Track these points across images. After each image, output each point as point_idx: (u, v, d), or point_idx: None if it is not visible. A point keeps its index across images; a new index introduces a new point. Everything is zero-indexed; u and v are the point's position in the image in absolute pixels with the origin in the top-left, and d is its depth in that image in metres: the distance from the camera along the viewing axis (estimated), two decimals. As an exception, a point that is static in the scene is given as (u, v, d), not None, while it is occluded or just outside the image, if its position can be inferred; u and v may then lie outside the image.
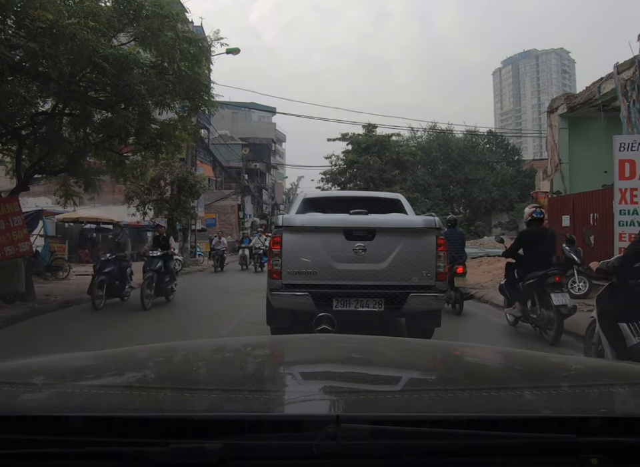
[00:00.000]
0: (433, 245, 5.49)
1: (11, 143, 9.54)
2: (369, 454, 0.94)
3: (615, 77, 10.11)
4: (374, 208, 6.25)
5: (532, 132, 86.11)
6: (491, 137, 41.16)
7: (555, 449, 0.95)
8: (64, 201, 11.37)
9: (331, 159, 33.27)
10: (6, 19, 6.70)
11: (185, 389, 1.23)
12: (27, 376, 1.40)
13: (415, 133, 39.64)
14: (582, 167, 12.90)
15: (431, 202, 32.94)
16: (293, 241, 5.47)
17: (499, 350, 2.41)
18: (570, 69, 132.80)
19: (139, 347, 2.34)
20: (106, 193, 15.98)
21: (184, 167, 18.51)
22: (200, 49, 8.97)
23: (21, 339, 6.54)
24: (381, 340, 2.15)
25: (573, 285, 9.76)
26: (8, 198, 9.27)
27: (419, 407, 1.14)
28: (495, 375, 1.58)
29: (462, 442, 0.93)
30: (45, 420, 0.97)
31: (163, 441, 0.91)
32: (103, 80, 7.58)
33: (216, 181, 38.14)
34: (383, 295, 5.43)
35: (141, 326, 7.37)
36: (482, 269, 14.39)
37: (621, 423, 0.99)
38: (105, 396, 1.19)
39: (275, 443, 0.94)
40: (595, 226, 10.66)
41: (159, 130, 9.56)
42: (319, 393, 1.26)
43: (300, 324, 5.11)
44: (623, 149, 8.44)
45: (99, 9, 7.42)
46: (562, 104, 13.53)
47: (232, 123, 50.81)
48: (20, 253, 9.00)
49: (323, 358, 1.75)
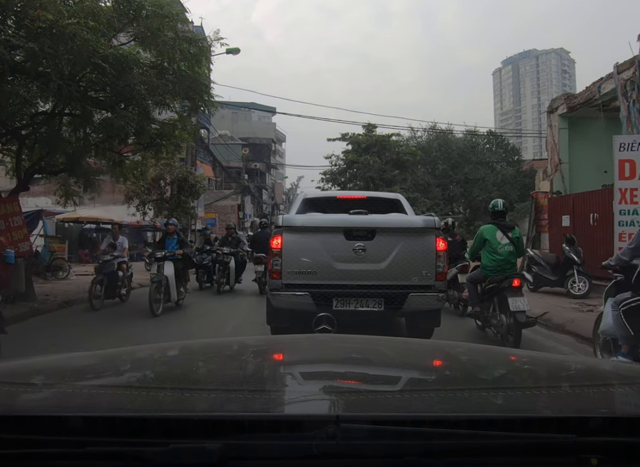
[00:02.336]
0: (432, 245, 5.49)
1: (10, 143, 9.54)
2: (369, 454, 0.94)
3: (614, 77, 10.11)
4: (374, 208, 6.25)
5: (532, 132, 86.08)
6: (491, 137, 41.14)
7: (555, 449, 0.95)
8: (64, 201, 11.38)
9: (330, 159, 33.27)
10: (6, 19, 6.69)
11: (185, 389, 1.23)
12: (26, 376, 1.40)
13: (415, 133, 39.66)
14: (582, 167, 12.90)
15: (430, 202, 32.92)
16: (293, 241, 5.48)
17: (499, 350, 2.41)
18: (570, 69, 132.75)
19: (139, 347, 2.34)
20: (106, 193, 15.99)
21: (184, 167, 18.50)
22: (200, 49, 8.97)
23: (21, 339, 6.53)
24: (381, 340, 2.15)
25: (573, 285, 9.78)
26: (8, 198, 9.27)
27: (419, 407, 1.14)
28: (495, 375, 1.58)
29: (462, 442, 0.93)
30: (45, 420, 0.97)
31: (163, 441, 0.91)
32: (102, 80, 7.57)
33: (216, 181, 38.12)
34: (382, 295, 5.43)
35: (140, 326, 7.36)
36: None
37: (621, 423, 0.99)
38: (105, 396, 1.19)
39: (274, 443, 0.94)
40: (595, 226, 10.67)
41: (158, 130, 9.56)
42: (318, 393, 1.26)
43: (300, 324, 5.11)
44: (623, 149, 8.44)
45: (99, 9, 7.41)
46: (562, 104, 13.53)
47: (232, 123, 50.78)
48: (20, 253, 9.00)
49: (323, 358, 1.75)
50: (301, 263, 5.43)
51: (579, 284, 9.72)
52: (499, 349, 2.55)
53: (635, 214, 8.28)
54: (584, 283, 9.70)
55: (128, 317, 8.28)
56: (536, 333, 6.72)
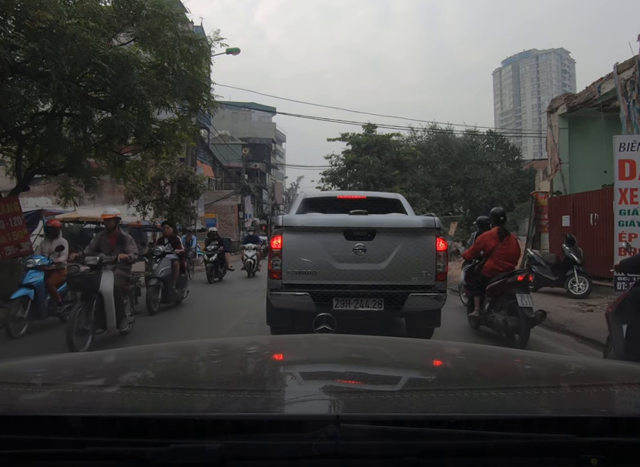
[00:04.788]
0: (432, 245, 5.49)
1: (10, 143, 9.52)
2: (369, 454, 0.94)
3: (614, 77, 10.11)
4: (374, 208, 6.25)
5: (532, 132, 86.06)
6: (491, 137, 41.11)
7: (555, 449, 0.95)
8: (64, 201, 11.37)
9: (330, 159, 33.21)
10: (6, 19, 6.69)
11: (185, 389, 1.23)
12: (26, 376, 1.40)
13: (415, 133, 39.64)
14: (582, 167, 12.90)
15: (430, 202, 32.88)
16: (293, 241, 5.48)
17: (499, 350, 2.41)
18: (570, 69, 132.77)
19: (139, 347, 2.34)
20: (106, 193, 15.97)
21: (184, 167, 18.49)
22: (200, 49, 8.96)
23: (21, 339, 6.54)
24: (381, 340, 2.15)
25: (573, 285, 9.78)
26: (8, 198, 9.26)
27: (419, 407, 1.14)
28: (495, 375, 1.58)
29: (462, 442, 0.93)
30: (45, 420, 0.96)
31: (163, 441, 0.91)
32: (103, 80, 7.56)
33: (216, 181, 38.12)
34: (382, 295, 5.44)
35: (140, 325, 7.35)
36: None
37: (621, 423, 0.99)
38: (105, 396, 1.19)
39: (275, 443, 0.94)
40: (595, 226, 10.67)
41: (158, 130, 9.55)
42: (318, 393, 1.26)
43: (300, 324, 5.12)
44: (622, 149, 8.43)
45: (99, 9, 7.40)
46: (562, 104, 13.53)
47: (232, 123, 50.79)
48: (20, 253, 8.99)
49: (323, 358, 1.75)
50: (301, 263, 5.43)
51: (579, 284, 9.72)
52: (498, 349, 2.55)
53: (635, 214, 8.27)
54: (584, 283, 9.70)
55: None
56: (536, 333, 6.72)
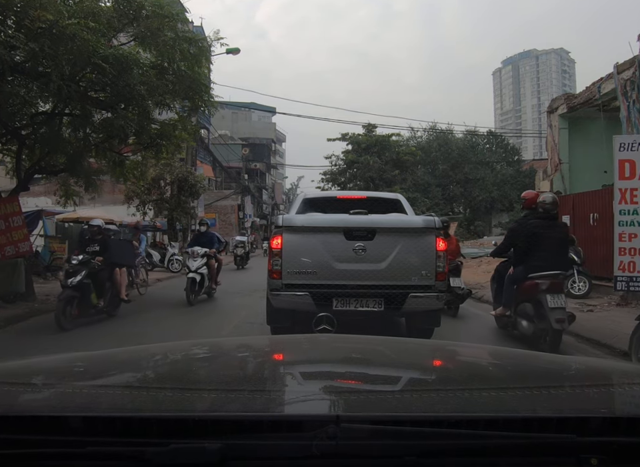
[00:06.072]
0: (432, 245, 5.49)
1: (10, 143, 9.52)
2: (369, 454, 0.94)
3: (614, 77, 10.10)
4: (374, 208, 6.25)
5: (532, 132, 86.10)
6: (491, 137, 41.11)
7: (555, 449, 0.95)
8: (64, 201, 11.36)
9: (331, 159, 33.20)
10: (6, 19, 6.69)
11: (185, 389, 1.22)
12: (27, 376, 1.40)
13: (415, 133, 39.66)
14: (582, 167, 12.89)
15: (430, 202, 32.89)
16: (293, 241, 5.48)
17: (499, 350, 2.41)
18: (570, 69, 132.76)
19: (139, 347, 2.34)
20: (106, 193, 15.96)
21: (184, 167, 18.52)
22: (200, 49, 8.97)
23: (21, 339, 6.54)
24: (381, 340, 2.15)
25: (573, 285, 9.77)
26: (8, 198, 9.26)
27: (419, 407, 1.14)
28: (495, 375, 1.58)
29: (462, 442, 0.93)
30: (45, 420, 0.96)
31: (163, 441, 0.91)
32: (103, 80, 7.56)
33: (216, 181, 38.13)
34: (382, 295, 5.43)
35: (146, 326, 7.36)
36: (482, 269, 14.38)
37: (621, 423, 0.98)
38: (105, 396, 1.19)
39: (275, 443, 0.94)
40: (594, 226, 10.67)
41: (158, 130, 9.55)
42: (318, 393, 1.26)
43: (300, 324, 5.12)
44: (622, 149, 8.39)
45: (99, 9, 7.41)
46: (562, 104, 13.52)
47: (232, 123, 50.80)
48: (20, 253, 8.99)
49: (323, 358, 1.75)
50: (301, 263, 5.43)
51: (579, 284, 9.72)
52: (498, 349, 2.55)
53: (635, 214, 8.23)
54: (584, 283, 9.70)
55: (128, 315, 8.28)
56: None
